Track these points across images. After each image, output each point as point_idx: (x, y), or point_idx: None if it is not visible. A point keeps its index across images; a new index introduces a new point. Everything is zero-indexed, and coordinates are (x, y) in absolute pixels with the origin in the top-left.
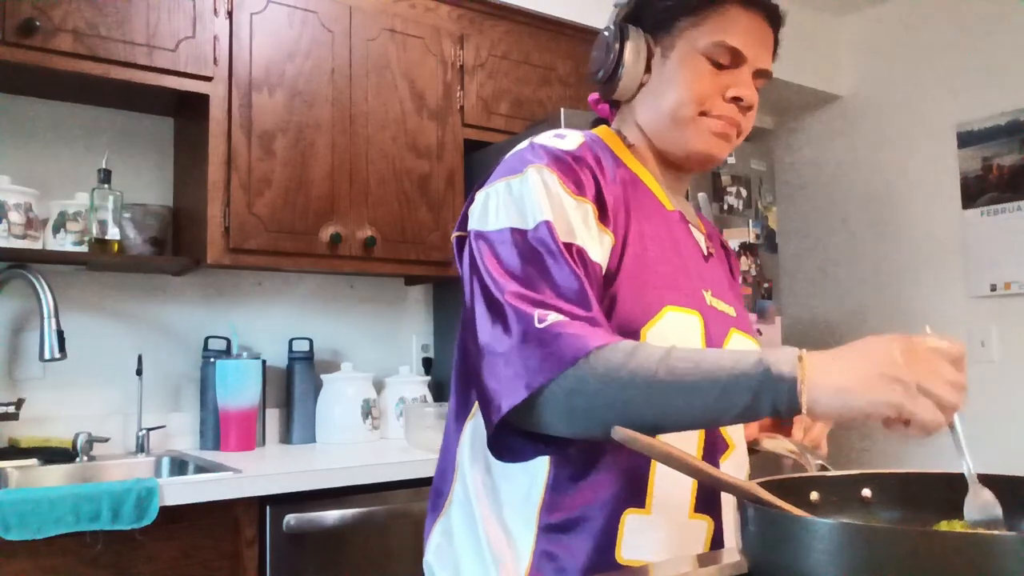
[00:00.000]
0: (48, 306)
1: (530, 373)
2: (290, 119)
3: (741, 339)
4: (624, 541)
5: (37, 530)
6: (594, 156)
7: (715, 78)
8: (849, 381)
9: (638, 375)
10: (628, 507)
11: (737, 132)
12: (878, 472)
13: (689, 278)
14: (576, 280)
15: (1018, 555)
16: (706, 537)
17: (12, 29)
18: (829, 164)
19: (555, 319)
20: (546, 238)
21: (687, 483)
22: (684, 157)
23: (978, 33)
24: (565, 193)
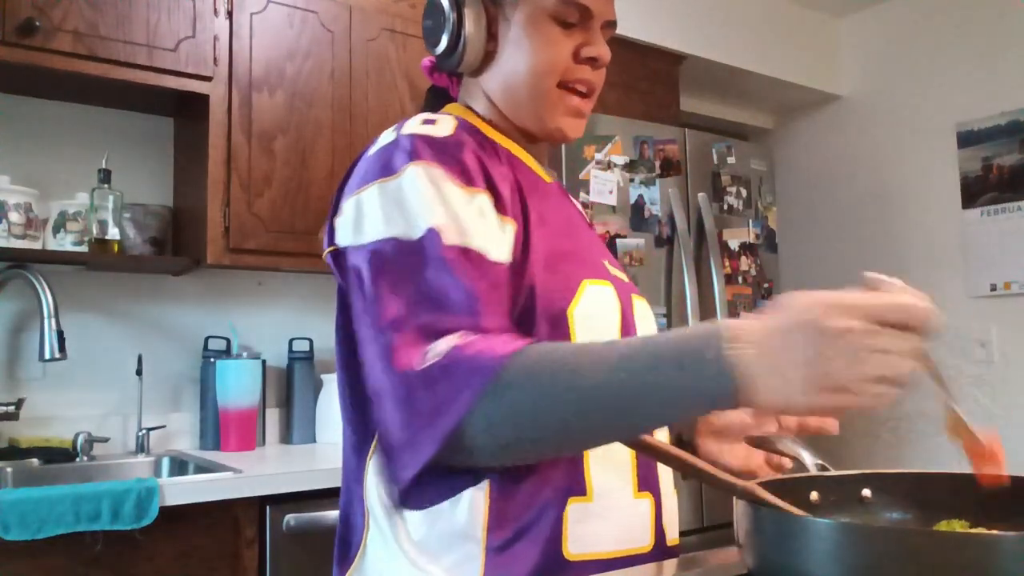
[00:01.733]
0: (48, 306)
1: (434, 419)
2: (290, 119)
3: (641, 303)
4: (569, 535)
5: (37, 530)
6: (474, 138)
7: (566, 40)
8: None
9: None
10: (570, 496)
11: (592, 95)
12: (878, 472)
13: (590, 249)
14: (465, 292)
15: (1018, 555)
16: (650, 515)
17: (12, 29)
18: (829, 164)
19: (446, 347)
20: (432, 246)
21: (626, 459)
22: (539, 131)
23: (978, 33)
24: (454, 188)
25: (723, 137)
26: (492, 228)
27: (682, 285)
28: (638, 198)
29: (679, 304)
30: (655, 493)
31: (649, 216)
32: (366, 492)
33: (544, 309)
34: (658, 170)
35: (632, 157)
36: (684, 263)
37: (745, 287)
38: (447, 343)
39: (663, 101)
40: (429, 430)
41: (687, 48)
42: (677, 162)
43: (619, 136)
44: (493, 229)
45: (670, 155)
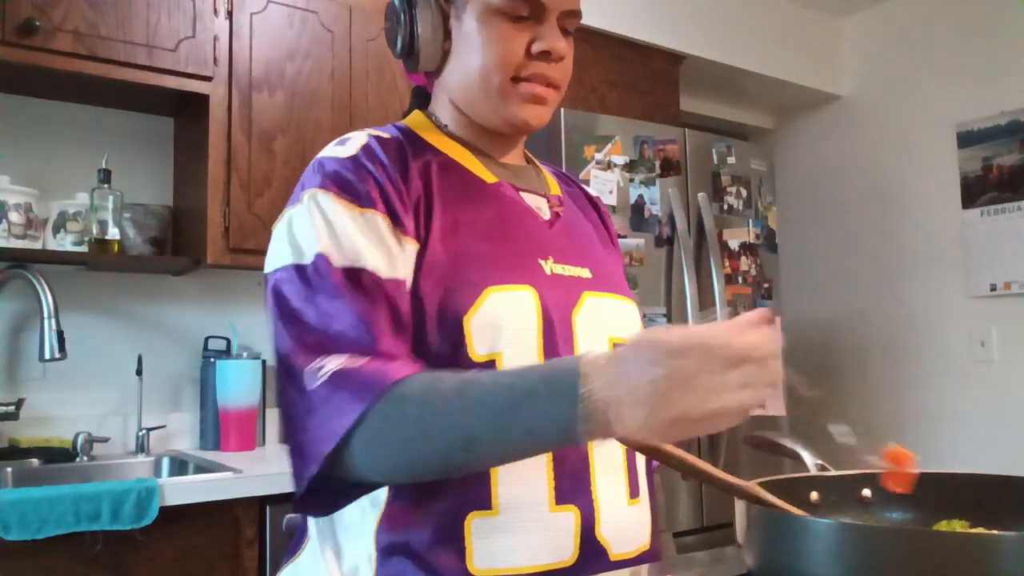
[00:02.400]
0: (48, 306)
1: (319, 436)
2: (290, 119)
3: (597, 301)
4: (474, 550)
5: (37, 530)
6: (376, 156)
7: (517, 35)
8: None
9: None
10: (471, 511)
11: (554, 87)
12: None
13: (518, 252)
14: (356, 315)
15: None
16: (575, 529)
17: (12, 29)
18: (829, 164)
19: (333, 368)
20: (322, 272)
21: (541, 474)
22: (501, 126)
23: (978, 33)
24: (345, 211)
25: (723, 137)
26: (385, 247)
27: (682, 285)
28: (638, 198)
29: (679, 304)
30: (583, 506)
31: (649, 216)
32: None
33: (440, 320)
34: (658, 170)
35: (632, 157)
36: (684, 263)
37: (745, 287)
38: (333, 364)
39: (663, 101)
40: (311, 452)
41: (687, 48)
42: (677, 162)
43: (619, 136)
44: (387, 248)
45: (670, 155)
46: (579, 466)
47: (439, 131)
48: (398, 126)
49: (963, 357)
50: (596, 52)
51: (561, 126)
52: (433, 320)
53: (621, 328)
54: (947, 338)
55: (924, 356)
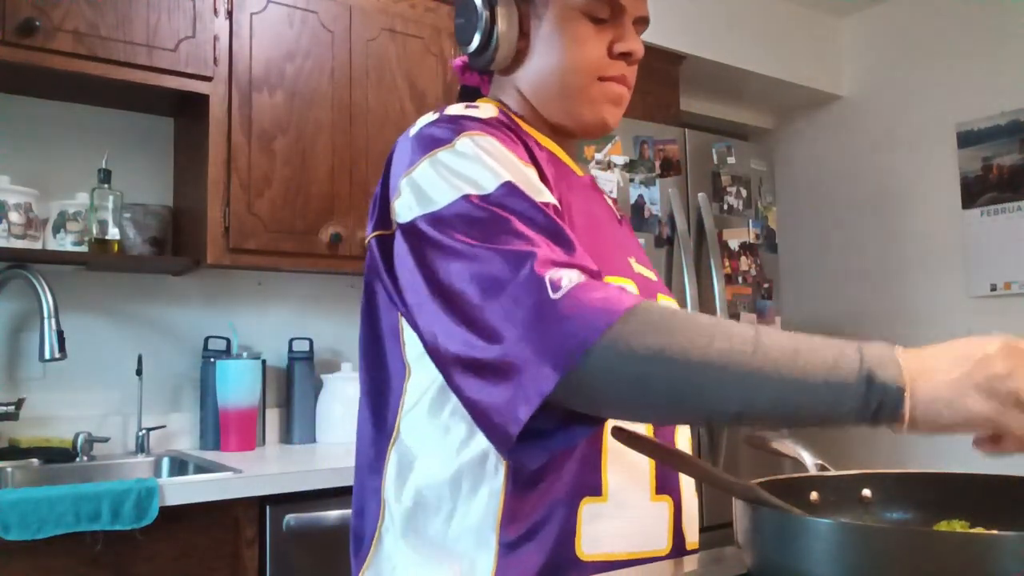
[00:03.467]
0: (48, 306)
1: (559, 350)
2: (290, 119)
3: (667, 304)
4: (583, 534)
5: (37, 530)
6: (507, 125)
7: (599, 36)
8: (944, 391)
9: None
10: (585, 495)
11: (629, 88)
12: (878, 472)
13: (614, 246)
14: (567, 234)
15: (1018, 555)
16: (668, 518)
17: (12, 29)
18: (829, 164)
19: (574, 280)
20: (515, 195)
21: (644, 464)
22: (575, 127)
23: (978, 33)
24: (513, 155)
25: (723, 137)
26: (551, 196)
27: (682, 285)
28: (638, 198)
29: (679, 304)
30: (675, 496)
31: (649, 216)
32: (384, 485)
33: None
34: (658, 170)
35: (632, 157)
36: (684, 263)
37: (745, 287)
38: (574, 275)
39: (663, 101)
40: (552, 359)
41: (687, 48)
42: (677, 162)
43: (619, 136)
44: (551, 197)
45: (670, 155)
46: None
47: (521, 119)
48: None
49: None
50: None
51: None
52: None
53: None
54: (947, 338)
55: None
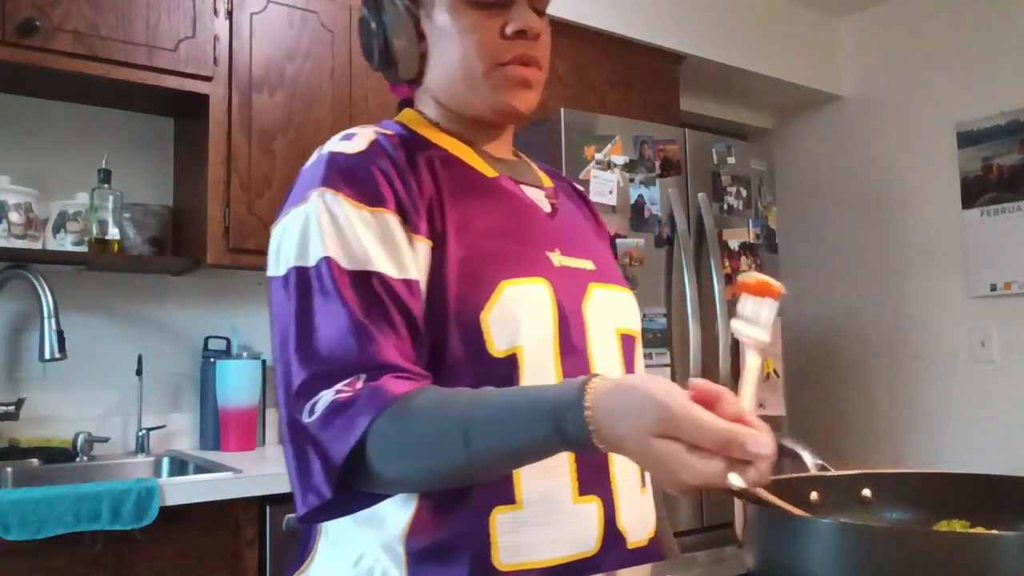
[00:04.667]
0: (48, 306)
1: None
2: (290, 119)
3: (602, 292)
4: (500, 544)
5: (37, 530)
6: (387, 153)
7: (490, 20)
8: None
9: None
10: (495, 506)
11: (537, 67)
12: (878, 472)
13: (528, 244)
14: (358, 325)
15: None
16: (598, 519)
17: (12, 29)
18: (829, 164)
19: (328, 400)
20: (326, 277)
21: (564, 467)
22: (490, 115)
23: (978, 33)
24: (355, 211)
25: (723, 137)
26: (397, 246)
27: (682, 285)
28: (638, 198)
29: (679, 304)
30: (605, 496)
31: (649, 216)
32: None
33: (457, 318)
34: (658, 170)
35: (632, 157)
36: (684, 263)
37: None
38: (329, 396)
39: (663, 101)
40: (311, 482)
41: (687, 48)
42: (677, 162)
43: (619, 136)
44: (398, 247)
45: (670, 155)
46: (598, 458)
47: (434, 127)
48: (390, 124)
49: (963, 357)
50: (596, 52)
51: (561, 126)
52: (451, 318)
53: (625, 319)
54: (947, 338)
55: (924, 356)
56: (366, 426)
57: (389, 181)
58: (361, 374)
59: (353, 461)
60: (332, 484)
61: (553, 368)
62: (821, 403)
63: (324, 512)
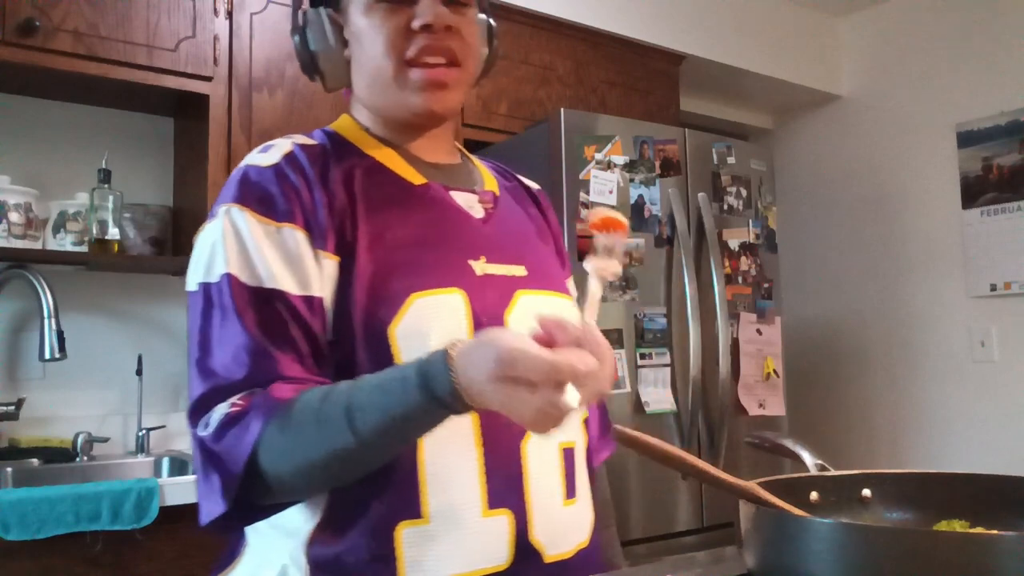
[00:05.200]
0: (48, 306)
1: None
2: (290, 119)
3: (531, 300)
4: (405, 559)
5: (37, 530)
6: (301, 166)
7: (396, 17)
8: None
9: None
10: (401, 520)
11: (452, 64)
12: (878, 472)
13: (446, 254)
14: (254, 341)
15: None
16: (509, 533)
17: (12, 29)
18: (829, 164)
19: (220, 415)
20: (226, 294)
21: (473, 480)
22: (409, 117)
23: (978, 33)
24: (260, 227)
25: (723, 137)
26: (301, 263)
27: (682, 285)
28: (638, 198)
29: (679, 304)
30: (517, 509)
31: (649, 216)
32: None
33: (366, 332)
34: (658, 170)
35: (632, 157)
36: (684, 263)
37: (745, 287)
38: (222, 411)
39: (663, 101)
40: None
41: (687, 48)
42: (677, 162)
43: (619, 136)
44: (302, 264)
45: (670, 155)
46: (512, 469)
47: (365, 133)
48: (326, 131)
49: (963, 357)
50: (596, 52)
51: (561, 126)
52: (360, 333)
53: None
54: (947, 338)
55: (924, 356)
56: (258, 433)
57: (298, 196)
58: (256, 389)
59: (250, 471)
60: (229, 497)
61: None
62: (821, 403)
63: (223, 523)
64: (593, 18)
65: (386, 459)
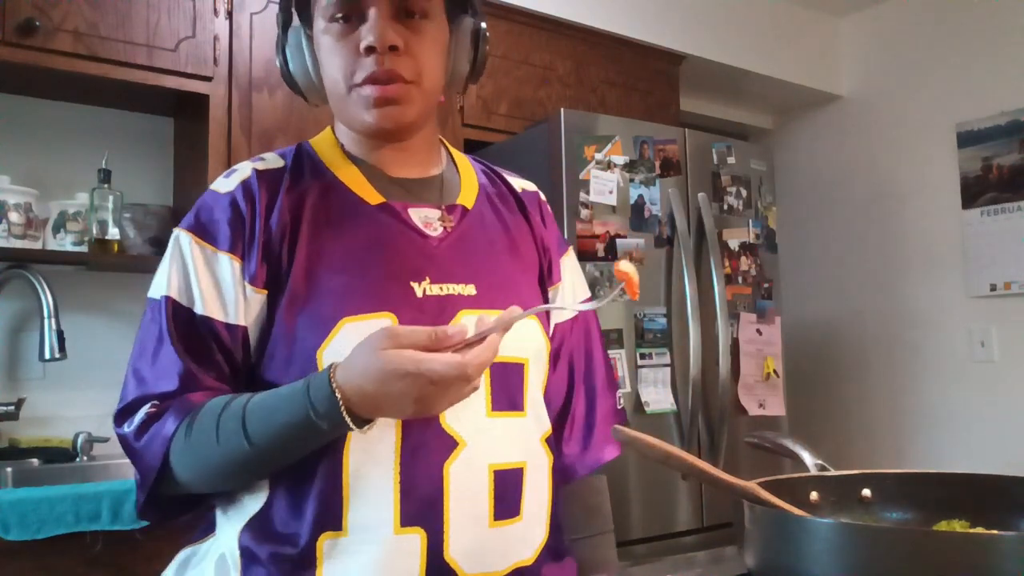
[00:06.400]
0: (48, 306)
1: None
2: (290, 119)
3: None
4: (324, 568)
5: (37, 530)
6: (252, 194)
7: (347, 38)
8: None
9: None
10: (324, 531)
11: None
12: (878, 472)
13: (384, 277)
14: (177, 361)
15: (1018, 555)
16: (421, 551)
17: (12, 29)
18: (829, 164)
19: (140, 417)
20: (160, 314)
21: (388, 497)
22: (368, 133)
23: (978, 33)
24: (200, 253)
25: (723, 137)
26: (230, 291)
27: (682, 285)
28: (638, 198)
29: (679, 304)
30: (431, 528)
31: (649, 216)
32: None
33: (298, 356)
34: (658, 170)
35: (632, 157)
36: (684, 263)
37: (745, 287)
38: (142, 414)
39: (663, 101)
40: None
41: (687, 48)
42: (677, 162)
43: (619, 136)
44: (231, 292)
45: (670, 155)
46: (430, 492)
47: (339, 149)
48: (301, 146)
49: (963, 357)
50: (596, 52)
51: (561, 126)
52: (290, 356)
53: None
54: (947, 338)
55: (924, 356)
56: (171, 432)
57: (242, 226)
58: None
59: (164, 467)
60: (144, 489)
61: None
62: (821, 403)
63: (151, 515)
64: (593, 18)
65: (282, 465)
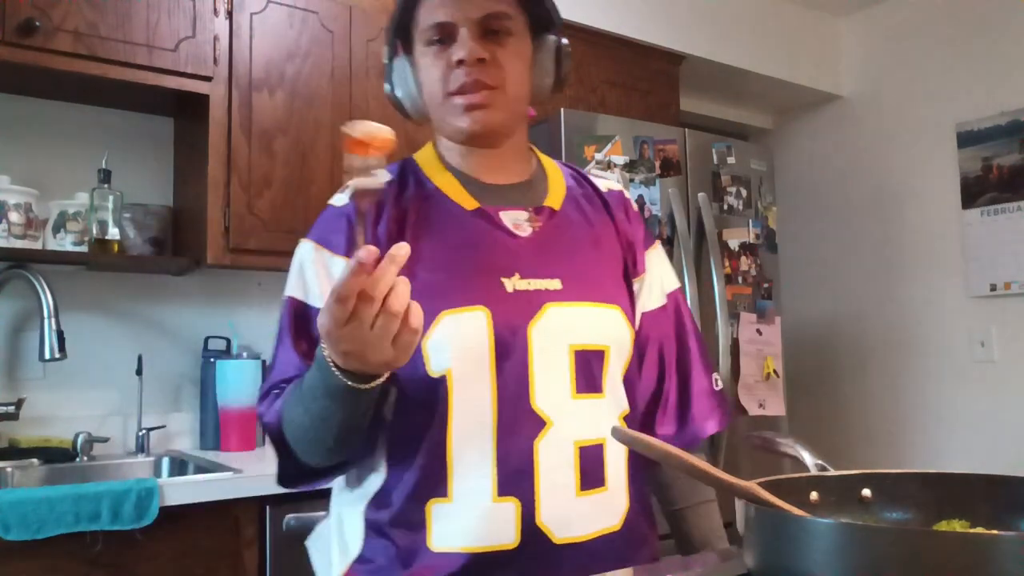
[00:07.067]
0: (48, 306)
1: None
2: (290, 119)
3: (560, 311)
4: (433, 530)
5: (37, 530)
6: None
7: (442, 56)
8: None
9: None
10: (432, 497)
11: (488, 88)
12: (878, 472)
13: (478, 275)
14: (293, 351)
15: (1018, 555)
16: (515, 518)
17: (12, 29)
18: (829, 164)
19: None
20: (284, 314)
21: (487, 469)
22: (461, 138)
23: (978, 33)
24: (320, 258)
25: (723, 137)
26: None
27: (682, 285)
28: (638, 198)
29: None
30: (524, 498)
31: (649, 216)
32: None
33: None
34: (658, 170)
35: (632, 157)
36: (684, 263)
37: (745, 287)
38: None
39: (663, 101)
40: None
41: (687, 48)
42: (677, 162)
43: (619, 136)
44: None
45: (670, 155)
46: (522, 464)
47: (439, 161)
48: (407, 160)
49: (963, 357)
50: (596, 52)
51: (561, 126)
52: None
53: (587, 335)
54: (947, 338)
55: (924, 356)
56: (279, 410)
57: (352, 235)
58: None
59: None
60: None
61: (489, 385)
62: (821, 403)
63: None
64: (593, 18)
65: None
